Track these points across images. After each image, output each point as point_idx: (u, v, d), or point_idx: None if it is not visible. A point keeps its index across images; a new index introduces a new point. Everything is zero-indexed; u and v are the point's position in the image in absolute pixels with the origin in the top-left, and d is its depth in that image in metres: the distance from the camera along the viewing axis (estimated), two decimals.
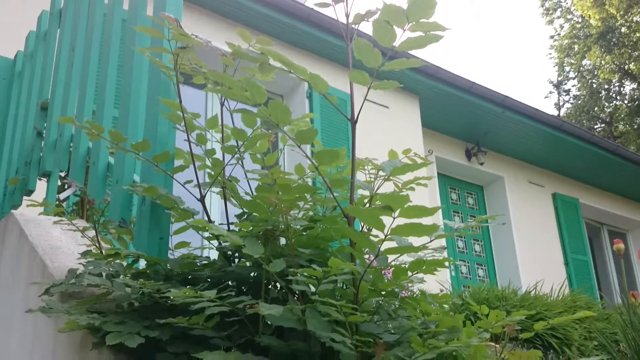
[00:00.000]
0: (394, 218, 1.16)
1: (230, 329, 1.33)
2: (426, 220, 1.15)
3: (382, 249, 1.61)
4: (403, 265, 1.54)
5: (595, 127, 24.31)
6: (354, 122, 1.46)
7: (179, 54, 1.50)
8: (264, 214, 1.33)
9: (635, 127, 23.10)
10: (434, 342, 1.10)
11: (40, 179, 3.06)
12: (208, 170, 1.67)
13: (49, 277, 1.96)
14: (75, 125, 1.46)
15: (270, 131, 1.53)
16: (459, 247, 10.00)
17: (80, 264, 1.71)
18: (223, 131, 1.66)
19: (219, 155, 1.67)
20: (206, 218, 1.48)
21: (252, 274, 1.53)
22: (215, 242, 1.61)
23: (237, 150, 1.44)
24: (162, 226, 1.76)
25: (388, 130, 7.76)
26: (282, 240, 1.46)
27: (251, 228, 1.32)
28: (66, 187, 3.27)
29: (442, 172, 9.82)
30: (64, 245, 2.25)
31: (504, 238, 10.02)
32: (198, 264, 1.62)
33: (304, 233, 1.60)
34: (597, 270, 11.43)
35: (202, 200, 1.54)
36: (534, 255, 9.81)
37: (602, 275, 11.74)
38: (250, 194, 1.62)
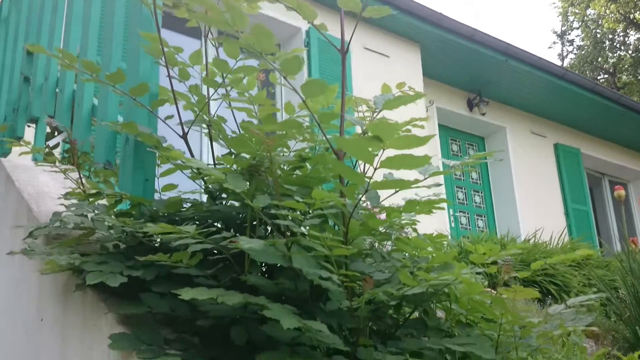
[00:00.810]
0: (384, 150, 1.09)
1: (216, 268, 1.28)
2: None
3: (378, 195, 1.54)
4: (397, 206, 1.49)
5: (599, 77, 24.01)
6: (343, 54, 1.38)
7: None
8: (248, 149, 1.26)
9: (639, 77, 22.82)
10: (424, 275, 1.05)
11: (28, 126, 2.99)
12: (195, 109, 1.60)
13: (34, 221, 1.91)
14: (46, 54, 1.38)
15: (259, 69, 1.45)
16: (458, 199, 9.97)
17: (62, 205, 1.65)
18: (207, 66, 1.58)
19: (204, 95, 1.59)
20: (189, 156, 1.41)
21: (238, 214, 1.48)
22: (203, 186, 1.55)
23: (222, 80, 1.36)
24: (146, 167, 1.70)
25: (388, 80, 7.54)
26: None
27: (234, 164, 1.25)
28: (56, 134, 3.20)
29: (444, 123, 9.72)
30: (51, 190, 2.20)
31: (504, 189, 9.98)
32: (185, 206, 1.57)
33: (294, 173, 1.53)
34: (598, 221, 11.43)
35: (184, 137, 1.47)
36: (534, 205, 9.78)
37: (602, 225, 11.74)
38: (238, 132, 1.55)
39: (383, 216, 1.52)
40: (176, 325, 1.41)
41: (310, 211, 1.09)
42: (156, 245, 1.48)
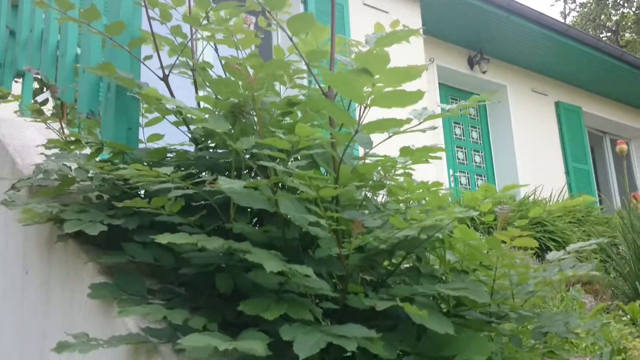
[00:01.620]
0: (374, 85, 1.02)
1: (199, 215, 1.22)
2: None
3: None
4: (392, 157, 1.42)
5: (601, 35, 23.67)
6: None
7: None
8: (232, 89, 1.18)
9: None
10: (416, 215, 0.99)
11: (16, 81, 2.91)
12: (182, 58, 1.52)
13: (19, 174, 1.85)
14: None
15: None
16: (458, 159, 9.90)
17: (42, 154, 1.59)
18: (190, 7, 1.49)
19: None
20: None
21: (225, 162, 1.42)
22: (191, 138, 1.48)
23: (205, 19, 1.28)
24: (130, 115, 1.63)
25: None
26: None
27: (217, 106, 1.18)
28: (45, 89, 3.12)
29: (444, 81, 9.57)
30: (37, 144, 2.14)
31: (504, 148, 9.90)
32: (170, 156, 1.51)
33: (283, 120, 1.47)
34: (598, 179, 11.37)
35: (165, 79, 1.40)
36: (534, 164, 9.72)
37: (602, 184, 11.69)
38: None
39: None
40: (161, 276, 1.36)
41: (295, 150, 1.02)
42: (140, 195, 1.43)
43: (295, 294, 1.11)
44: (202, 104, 1.37)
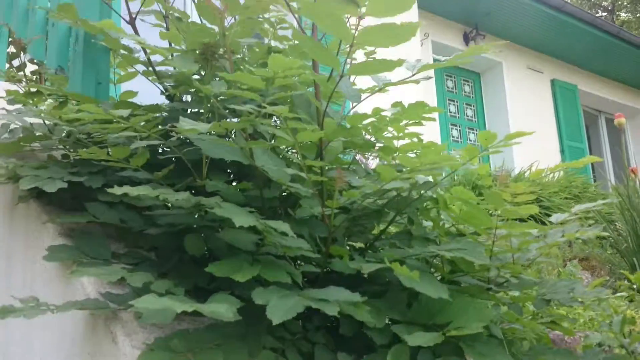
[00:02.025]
0: (361, 17, 0.90)
1: (168, 170, 1.10)
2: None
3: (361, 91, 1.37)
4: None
5: (597, 15, 23.45)
6: None
7: None
8: (203, 28, 1.06)
9: (638, 15, 22.33)
10: (407, 161, 0.87)
11: None
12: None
13: None
14: None
15: None
16: (453, 137, 9.78)
17: (3, 109, 1.47)
18: None
19: None
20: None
21: (198, 114, 1.29)
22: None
23: None
24: (99, 69, 1.50)
25: None
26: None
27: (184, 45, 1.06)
28: (23, 54, 2.98)
29: (439, 57, 9.42)
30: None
31: (499, 126, 9.79)
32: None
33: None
34: None
35: (132, 22, 1.27)
36: (529, 142, 9.58)
37: (597, 163, 11.60)
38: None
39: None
40: (129, 239, 1.24)
41: (270, 89, 0.90)
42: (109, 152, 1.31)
43: (273, 256, 0.99)
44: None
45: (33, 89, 1.28)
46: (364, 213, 1.13)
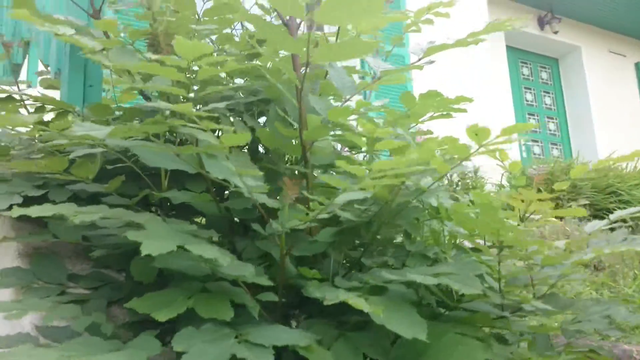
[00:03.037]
0: None
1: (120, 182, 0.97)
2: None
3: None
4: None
5: None
6: None
7: None
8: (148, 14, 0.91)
9: None
10: (383, 165, 0.69)
11: None
12: None
13: None
14: None
15: None
16: None
17: None
18: None
19: None
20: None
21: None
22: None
23: None
24: (89, 71, 1.40)
25: None
26: None
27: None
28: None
29: (512, 44, 8.98)
30: None
31: (580, 114, 9.24)
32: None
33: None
34: None
35: (95, 14, 1.14)
36: (613, 131, 9.02)
37: None
38: None
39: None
40: (102, 258, 1.12)
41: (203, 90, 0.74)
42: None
43: (229, 282, 0.84)
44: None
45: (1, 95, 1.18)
46: (352, 226, 0.95)
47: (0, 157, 1.17)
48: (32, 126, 1.20)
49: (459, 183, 4.27)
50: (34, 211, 0.73)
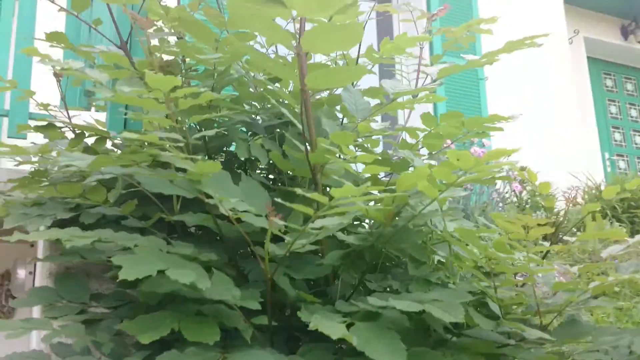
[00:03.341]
0: (294, 18, 0.73)
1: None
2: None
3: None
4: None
5: None
6: None
7: None
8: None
9: None
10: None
11: None
12: None
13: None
14: None
15: None
16: (615, 140, 8.90)
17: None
18: None
19: None
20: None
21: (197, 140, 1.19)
22: None
23: None
24: None
25: (521, 5, 6.78)
26: None
27: None
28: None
29: (593, 55, 8.64)
30: None
31: None
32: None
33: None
34: None
35: (123, 46, 1.20)
36: None
37: None
38: None
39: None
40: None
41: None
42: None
43: (226, 305, 0.85)
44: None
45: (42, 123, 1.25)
46: (359, 249, 0.95)
47: (37, 182, 1.24)
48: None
49: (529, 201, 4.13)
50: (32, 236, 0.77)
